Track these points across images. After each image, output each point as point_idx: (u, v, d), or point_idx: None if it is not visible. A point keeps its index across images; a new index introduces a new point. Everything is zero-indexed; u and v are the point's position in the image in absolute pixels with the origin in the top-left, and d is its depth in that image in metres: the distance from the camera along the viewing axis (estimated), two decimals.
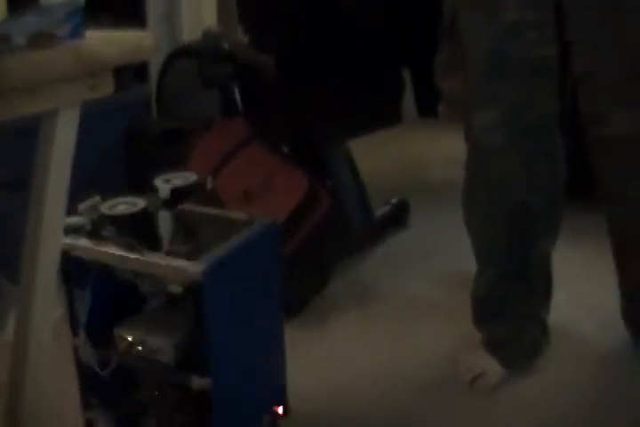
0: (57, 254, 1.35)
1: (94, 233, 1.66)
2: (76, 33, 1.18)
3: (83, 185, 1.73)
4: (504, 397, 2.01)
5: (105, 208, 1.67)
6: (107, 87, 1.24)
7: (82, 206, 1.69)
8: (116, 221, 1.66)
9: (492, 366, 2.07)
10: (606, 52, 1.80)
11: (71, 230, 1.64)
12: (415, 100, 3.07)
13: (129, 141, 2.61)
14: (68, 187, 1.30)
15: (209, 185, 2.13)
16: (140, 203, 1.68)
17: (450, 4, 2.04)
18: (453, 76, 2.07)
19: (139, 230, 1.66)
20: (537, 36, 1.83)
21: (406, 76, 2.92)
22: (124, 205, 1.69)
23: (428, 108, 3.06)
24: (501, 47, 1.85)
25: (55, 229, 1.33)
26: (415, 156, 3.66)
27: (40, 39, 1.13)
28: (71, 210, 1.52)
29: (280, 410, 1.85)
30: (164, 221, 1.67)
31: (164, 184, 1.69)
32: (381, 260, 2.72)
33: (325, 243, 2.45)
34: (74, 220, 1.66)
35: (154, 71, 2.81)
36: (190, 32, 2.94)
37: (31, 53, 1.12)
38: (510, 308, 2.07)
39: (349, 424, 1.94)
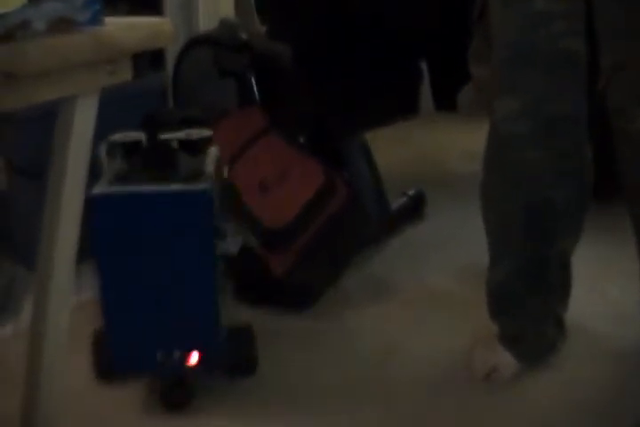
0: (74, 241, 1.36)
1: None
2: (96, 19, 1.19)
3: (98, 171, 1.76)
4: (518, 391, 2.00)
5: None
6: (125, 73, 1.24)
7: None
8: None
9: (506, 360, 2.05)
10: (634, 45, 1.78)
11: None
12: (432, 94, 3.07)
13: (145, 129, 2.60)
14: (85, 173, 1.30)
15: (225, 174, 2.13)
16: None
17: None
18: (482, 63, 2.06)
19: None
20: (564, 27, 1.82)
21: (424, 69, 2.92)
22: None
23: (444, 101, 3.06)
24: (528, 37, 1.84)
25: (73, 215, 1.33)
26: (432, 148, 3.65)
27: (60, 25, 1.14)
28: None
29: (193, 355, 1.88)
30: None
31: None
32: (397, 252, 2.71)
33: (341, 234, 2.45)
34: None
35: (170, 59, 2.80)
36: (207, 21, 2.93)
37: (51, 39, 1.13)
38: (527, 304, 2.05)
39: (361, 417, 1.94)
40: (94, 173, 1.71)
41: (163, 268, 1.83)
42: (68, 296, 1.40)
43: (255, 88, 2.58)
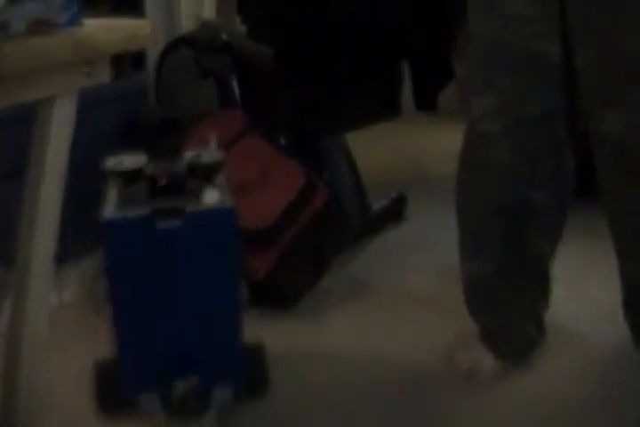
0: (53, 242, 1.36)
1: None
2: (74, 21, 1.19)
3: (79, 173, 1.75)
4: (499, 390, 2.01)
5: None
6: (103, 75, 1.25)
7: None
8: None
9: (487, 359, 2.07)
10: (604, 46, 1.79)
11: None
12: (413, 94, 3.07)
13: (126, 130, 2.60)
14: (64, 174, 1.30)
15: None
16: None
17: None
18: (464, 61, 2.08)
19: None
20: (534, 30, 1.83)
21: (405, 69, 2.92)
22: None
23: (426, 101, 3.06)
24: (502, 37, 1.85)
25: (51, 216, 1.33)
26: (413, 149, 3.66)
27: (39, 26, 1.14)
28: None
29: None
30: None
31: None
32: (378, 253, 2.72)
33: (322, 235, 2.46)
34: None
35: (151, 60, 2.80)
36: (188, 22, 2.93)
37: (29, 40, 1.13)
38: (505, 300, 2.07)
39: (343, 416, 1.95)
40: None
41: (186, 288, 1.74)
42: (46, 296, 1.40)
43: (236, 89, 2.58)
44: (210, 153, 1.79)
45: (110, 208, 1.68)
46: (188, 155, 1.77)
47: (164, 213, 1.66)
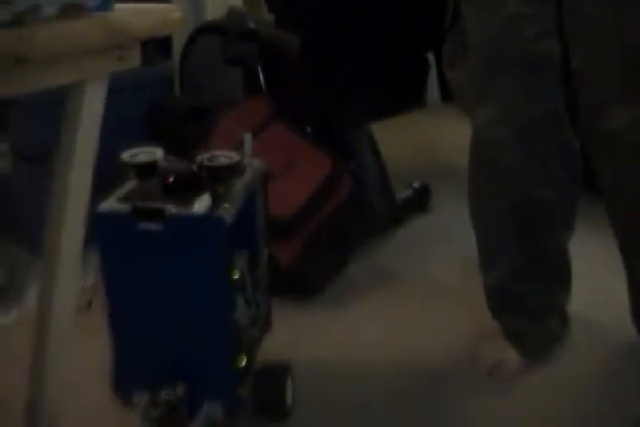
0: (81, 228, 1.36)
1: None
2: (105, 5, 1.19)
3: (103, 158, 1.74)
4: (520, 385, 2.01)
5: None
6: (134, 59, 1.25)
7: None
8: None
9: (511, 355, 2.06)
10: (604, 44, 1.76)
11: None
12: (439, 84, 3.06)
13: (152, 116, 2.61)
14: (93, 161, 1.30)
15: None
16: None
17: None
18: (456, 67, 2.05)
19: None
20: (537, 30, 1.81)
21: (431, 60, 2.91)
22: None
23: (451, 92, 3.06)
24: (501, 41, 1.83)
25: (80, 201, 1.34)
26: (438, 140, 3.65)
27: (70, 10, 1.13)
28: None
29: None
30: None
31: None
32: (402, 243, 2.71)
33: (347, 224, 2.45)
34: None
35: (178, 47, 2.81)
36: (215, 9, 2.94)
37: (61, 24, 1.12)
38: (528, 301, 2.06)
39: (362, 406, 1.95)
40: None
41: (172, 296, 1.68)
42: (73, 283, 1.40)
43: (262, 77, 2.58)
44: (225, 156, 1.71)
45: (112, 200, 1.64)
46: (204, 155, 1.71)
47: (145, 213, 1.61)
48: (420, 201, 2.95)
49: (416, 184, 2.97)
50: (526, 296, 2.05)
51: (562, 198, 1.98)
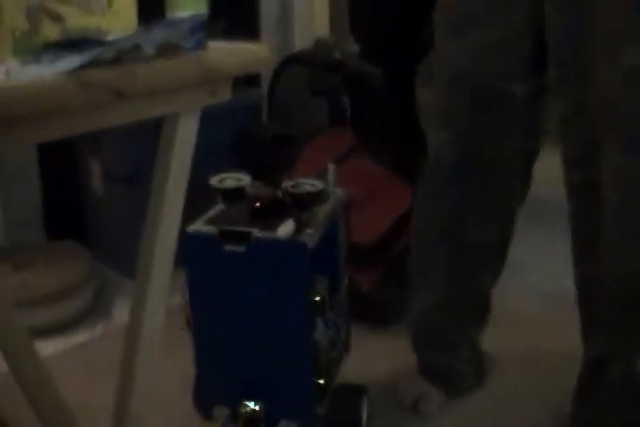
0: (172, 250, 1.43)
1: None
2: (199, 45, 1.27)
3: (194, 182, 1.82)
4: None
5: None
6: (225, 94, 1.33)
7: None
8: None
9: (430, 392, 2.08)
10: (589, 90, 1.65)
11: None
12: None
13: (239, 144, 2.67)
14: (185, 186, 1.38)
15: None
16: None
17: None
18: (427, 85, 2.00)
19: None
20: (509, 66, 1.77)
21: None
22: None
23: None
24: (470, 71, 1.80)
25: (172, 224, 1.41)
26: None
27: (167, 50, 1.22)
28: None
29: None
30: None
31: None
32: None
33: None
34: None
35: (265, 77, 2.87)
36: (302, 40, 2.99)
37: (158, 62, 1.21)
38: (448, 338, 2.07)
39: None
40: None
41: (254, 316, 1.74)
42: (163, 300, 1.46)
43: (347, 108, 2.63)
44: (309, 184, 1.79)
45: (199, 223, 1.73)
46: (289, 182, 1.78)
47: (231, 236, 1.69)
48: None
49: None
50: (447, 332, 2.05)
51: (494, 241, 1.97)
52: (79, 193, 2.98)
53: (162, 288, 1.43)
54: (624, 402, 1.81)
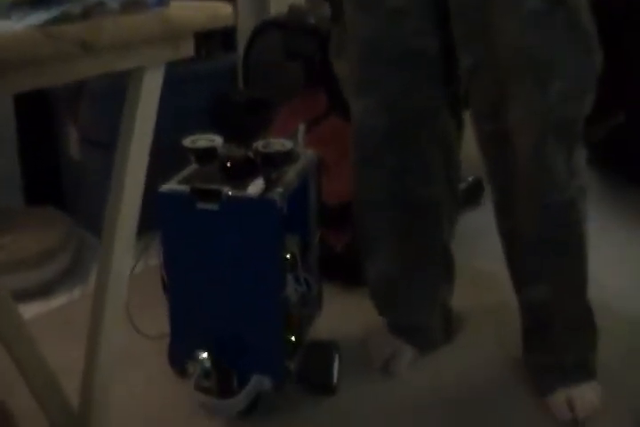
0: (136, 209, 1.45)
1: None
2: (162, 2, 1.30)
3: (169, 144, 1.85)
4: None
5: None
6: (188, 49, 1.36)
7: None
8: None
9: (402, 347, 2.10)
10: (489, 45, 1.73)
11: None
12: None
13: (215, 107, 2.69)
14: (150, 141, 1.41)
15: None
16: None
17: None
18: (340, 60, 2.04)
19: None
20: (417, 25, 1.82)
21: None
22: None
23: None
24: (381, 34, 1.84)
25: (136, 184, 1.42)
26: None
27: (131, 6, 1.25)
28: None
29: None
30: None
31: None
32: None
33: None
34: None
35: (241, 42, 2.88)
36: (277, 6, 3.01)
37: (124, 17, 1.23)
38: (410, 299, 2.09)
39: (406, 384, 2.01)
40: None
41: (226, 272, 1.79)
42: (128, 261, 1.48)
43: (321, 71, 2.63)
44: (279, 143, 1.83)
45: (173, 182, 1.78)
46: (259, 143, 1.82)
47: (203, 194, 1.73)
48: (473, 195, 2.96)
49: (470, 178, 2.98)
50: (408, 293, 2.07)
51: (444, 195, 2.00)
52: (57, 158, 3.00)
53: (127, 248, 1.45)
54: (566, 340, 1.92)
